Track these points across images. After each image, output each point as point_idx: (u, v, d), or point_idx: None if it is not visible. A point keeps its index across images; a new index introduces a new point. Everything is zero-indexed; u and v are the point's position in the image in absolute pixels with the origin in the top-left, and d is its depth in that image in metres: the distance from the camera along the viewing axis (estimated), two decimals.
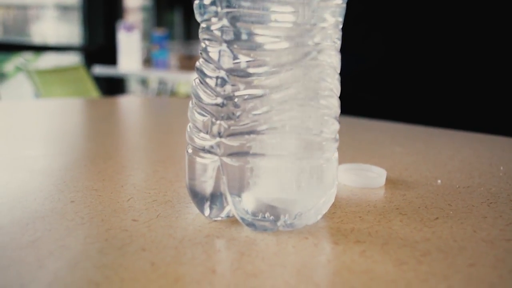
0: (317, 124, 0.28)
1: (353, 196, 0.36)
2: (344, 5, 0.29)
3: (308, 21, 0.27)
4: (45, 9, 4.41)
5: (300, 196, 0.28)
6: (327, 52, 0.28)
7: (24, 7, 4.37)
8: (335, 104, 0.29)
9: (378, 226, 0.30)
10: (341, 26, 0.29)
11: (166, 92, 3.14)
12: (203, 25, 0.29)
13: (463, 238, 0.28)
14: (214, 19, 0.28)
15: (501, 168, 0.47)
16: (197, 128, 0.29)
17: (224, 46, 0.27)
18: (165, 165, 0.44)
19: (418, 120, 0.73)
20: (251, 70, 0.27)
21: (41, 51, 3.52)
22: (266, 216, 0.28)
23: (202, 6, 0.28)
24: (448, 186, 0.40)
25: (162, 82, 3.23)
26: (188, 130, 0.30)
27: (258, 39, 0.26)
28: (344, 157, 0.48)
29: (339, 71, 0.30)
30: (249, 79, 0.27)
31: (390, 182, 0.40)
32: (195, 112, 0.30)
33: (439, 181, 0.41)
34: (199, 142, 0.29)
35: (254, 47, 0.27)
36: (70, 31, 3.88)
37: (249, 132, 0.27)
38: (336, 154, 0.30)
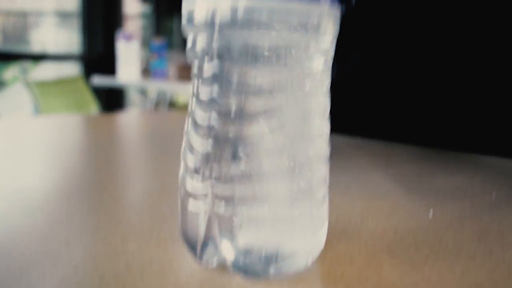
0: (306, 168, 0.28)
1: (344, 232, 0.37)
2: (333, 49, 0.29)
3: (296, 69, 0.27)
4: (45, 16, 4.43)
5: (291, 241, 0.29)
6: (317, 95, 0.29)
7: (23, 14, 4.39)
8: (324, 146, 0.30)
9: (368, 270, 0.30)
10: (329, 72, 0.30)
11: (165, 101, 3.15)
12: (195, 63, 0.29)
13: (452, 282, 0.29)
14: (206, 59, 0.28)
15: (494, 193, 0.47)
16: (189, 170, 0.30)
17: (216, 88, 0.28)
18: (160, 198, 0.45)
19: (412, 141, 0.74)
20: (242, 115, 0.27)
21: (40, 59, 3.53)
22: (257, 261, 0.28)
23: (193, 48, 0.29)
24: (439, 218, 0.40)
25: (161, 92, 3.24)
26: (180, 172, 0.31)
27: (249, 86, 0.27)
28: (338, 185, 0.48)
29: (328, 111, 0.30)
30: (240, 123, 0.27)
31: (384, 212, 0.41)
32: (186, 156, 0.30)
33: (431, 212, 0.42)
34: (190, 188, 0.29)
35: (244, 92, 0.27)
36: (70, 37, 3.90)
37: (240, 178, 0.27)
38: (326, 196, 0.30)
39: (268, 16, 0.25)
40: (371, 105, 0.79)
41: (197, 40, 0.28)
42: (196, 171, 0.29)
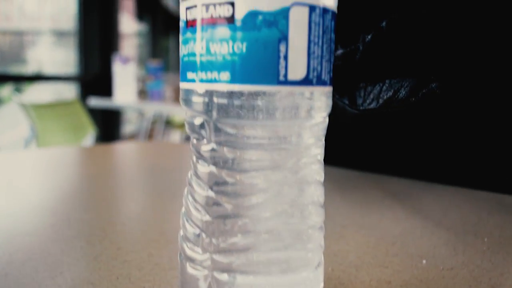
0: (303, 237, 0.30)
1: (340, 284, 0.38)
2: (326, 123, 0.30)
3: (290, 147, 0.29)
4: (41, 35, 4.46)
5: None
6: (311, 166, 0.30)
7: (20, 33, 4.42)
8: (319, 214, 0.31)
9: None
10: (323, 141, 0.31)
11: (161, 120, 3.17)
12: (193, 141, 0.30)
13: None
14: (204, 140, 0.29)
15: (485, 239, 0.49)
16: (188, 238, 0.31)
17: (213, 167, 0.29)
18: (159, 245, 0.46)
19: (408, 174, 0.75)
20: (237, 192, 0.28)
21: (37, 80, 3.54)
22: None
23: (191, 124, 0.30)
24: (432, 268, 0.41)
25: (157, 111, 3.26)
26: (180, 238, 0.32)
27: (245, 164, 0.28)
28: (334, 229, 0.50)
29: (322, 180, 0.31)
30: (236, 200, 0.28)
31: (378, 261, 0.42)
32: (186, 223, 0.31)
33: (424, 261, 0.43)
34: (190, 253, 0.30)
35: (240, 170, 0.28)
36: (67, 56, 3.92)
37: (238, 250, 0.28)
38: (322, 261, 0.31)
39: (262, 100, 0.26)
40: (366, 137, 0.80)
41: (194, 120, 0.29)
42: (195, 239, 0.30)
